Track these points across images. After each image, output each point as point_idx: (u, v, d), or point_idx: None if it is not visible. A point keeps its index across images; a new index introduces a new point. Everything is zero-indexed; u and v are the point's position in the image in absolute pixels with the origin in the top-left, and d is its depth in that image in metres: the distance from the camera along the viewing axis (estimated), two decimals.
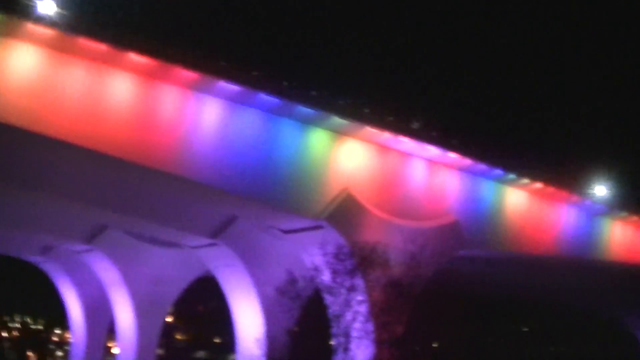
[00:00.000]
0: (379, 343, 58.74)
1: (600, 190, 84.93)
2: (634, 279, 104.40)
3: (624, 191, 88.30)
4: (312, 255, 61.41)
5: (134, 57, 55.61)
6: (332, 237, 61.89)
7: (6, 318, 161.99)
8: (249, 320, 75.87)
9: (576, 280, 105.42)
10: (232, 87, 59.70)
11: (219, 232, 74.84)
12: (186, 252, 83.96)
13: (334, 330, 58.46)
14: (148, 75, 57.69)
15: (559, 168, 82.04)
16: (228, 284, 79.41)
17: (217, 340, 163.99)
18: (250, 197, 63.25)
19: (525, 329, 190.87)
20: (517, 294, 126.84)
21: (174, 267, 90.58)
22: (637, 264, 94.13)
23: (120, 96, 57.25)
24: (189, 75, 57.84)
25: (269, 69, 62.59)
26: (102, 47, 54.82)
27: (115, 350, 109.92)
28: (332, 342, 58.99)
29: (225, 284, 79.96)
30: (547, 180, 78.67)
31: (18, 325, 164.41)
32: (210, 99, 60.63)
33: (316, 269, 59.08)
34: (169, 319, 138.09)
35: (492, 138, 77.46)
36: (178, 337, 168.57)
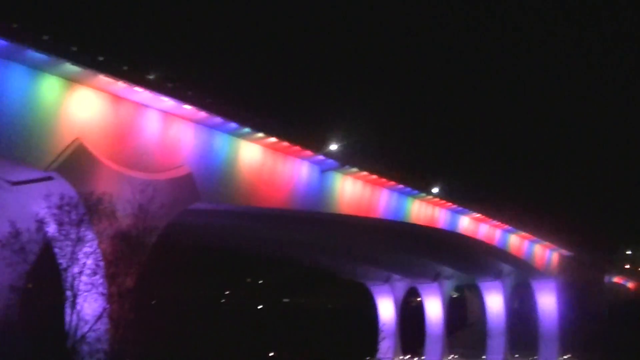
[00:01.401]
0: (109, 296, 57.73)
1: (332, 145, 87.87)
2: (362, 232, 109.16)
3: (354, 147, 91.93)
4: (41, 207, 59.20)
5: None
6: (61, 188, 59.72)
7: None
8: None
9: (309, 234, 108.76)
10: None
11: None
12: None
13: (63, 284, 56.94)
14: None
15: (292, 123, 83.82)
16: None
17: None
18: None
19: (260, 281, 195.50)
20: (252, 247, 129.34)
21: None
22: (365, 217, 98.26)
23: None
24: None
25: None
26: None
27: None
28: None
29: None
30: (281, 134, 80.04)
31: None
32: None
33: (42, 220, 57.16)
34: None
35: (227, 91, 77.44)
36: None
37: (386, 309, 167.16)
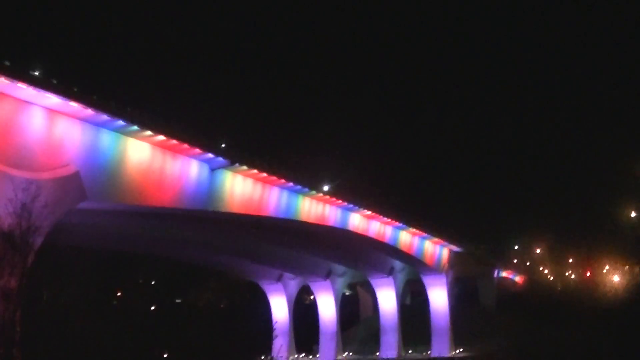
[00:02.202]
0: None
1: (222, 143, 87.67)
2: (253, 230, 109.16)
3: (244, 145, 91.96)
4: None
5: None
6: None
7: None
8: None
9: (200, 233, 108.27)
10: None
11: None
12: None
13: None
14: None
15: (181, 120, 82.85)
16: None
17: None
18: None
19: (153, 282, 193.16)
20: (144, 248, 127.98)
21: None
22: (255, 216, 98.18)
23: None
24: None
25: None
26: None
27: None
28: None
29: None
30: (169, 132, 78.83)
31: None
32: None
33: None
34: None
35: (115, 88, 76.12)
36: None
37: (279, 308, 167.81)
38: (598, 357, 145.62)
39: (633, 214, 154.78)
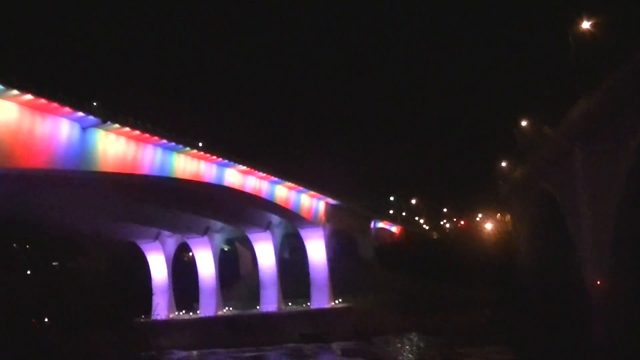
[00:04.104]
0: None
1: (93, 101, 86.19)
2: (127, 190, 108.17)
3: (116, 102, 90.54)
4: None
5: None
6: None
7: None
8: None
9: (73, 195, 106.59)
10: None
11: None
12: None
13: None
14: None
15: (50, 78, 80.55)
16: None
17: None
18: None
19: (28, 246, 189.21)
20: (15, 213, 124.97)
21: None
22: (130, 175, 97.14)
23: None
24: None
25: None
26: None
27: None
28: None
29: None
30: (37, 91, 76.42)
31: None
32: None
33: None
34: None
35: None
36: None
37: (158, 267, 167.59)
38: (471, 303, 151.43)
39: (503, 164, 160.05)
